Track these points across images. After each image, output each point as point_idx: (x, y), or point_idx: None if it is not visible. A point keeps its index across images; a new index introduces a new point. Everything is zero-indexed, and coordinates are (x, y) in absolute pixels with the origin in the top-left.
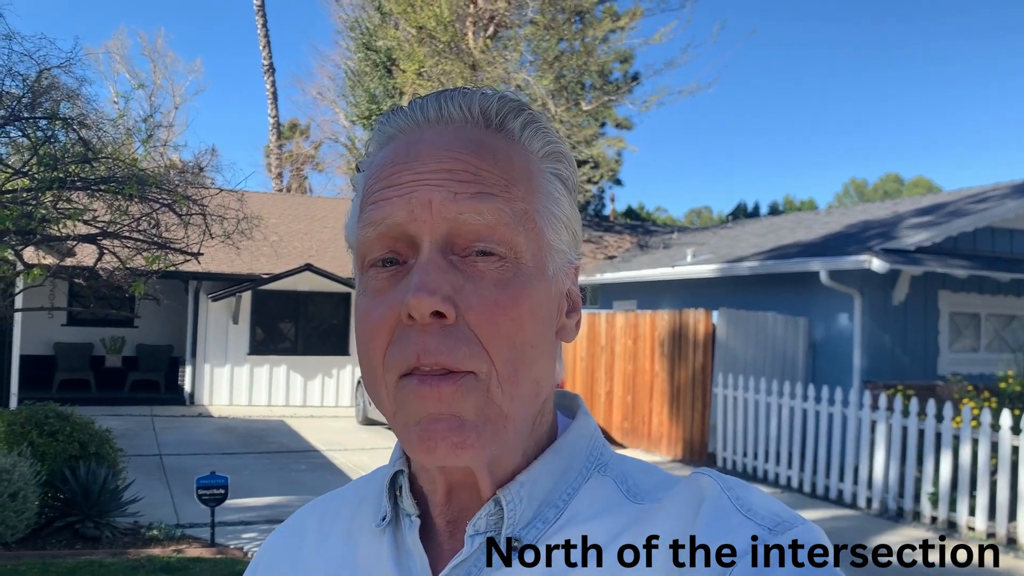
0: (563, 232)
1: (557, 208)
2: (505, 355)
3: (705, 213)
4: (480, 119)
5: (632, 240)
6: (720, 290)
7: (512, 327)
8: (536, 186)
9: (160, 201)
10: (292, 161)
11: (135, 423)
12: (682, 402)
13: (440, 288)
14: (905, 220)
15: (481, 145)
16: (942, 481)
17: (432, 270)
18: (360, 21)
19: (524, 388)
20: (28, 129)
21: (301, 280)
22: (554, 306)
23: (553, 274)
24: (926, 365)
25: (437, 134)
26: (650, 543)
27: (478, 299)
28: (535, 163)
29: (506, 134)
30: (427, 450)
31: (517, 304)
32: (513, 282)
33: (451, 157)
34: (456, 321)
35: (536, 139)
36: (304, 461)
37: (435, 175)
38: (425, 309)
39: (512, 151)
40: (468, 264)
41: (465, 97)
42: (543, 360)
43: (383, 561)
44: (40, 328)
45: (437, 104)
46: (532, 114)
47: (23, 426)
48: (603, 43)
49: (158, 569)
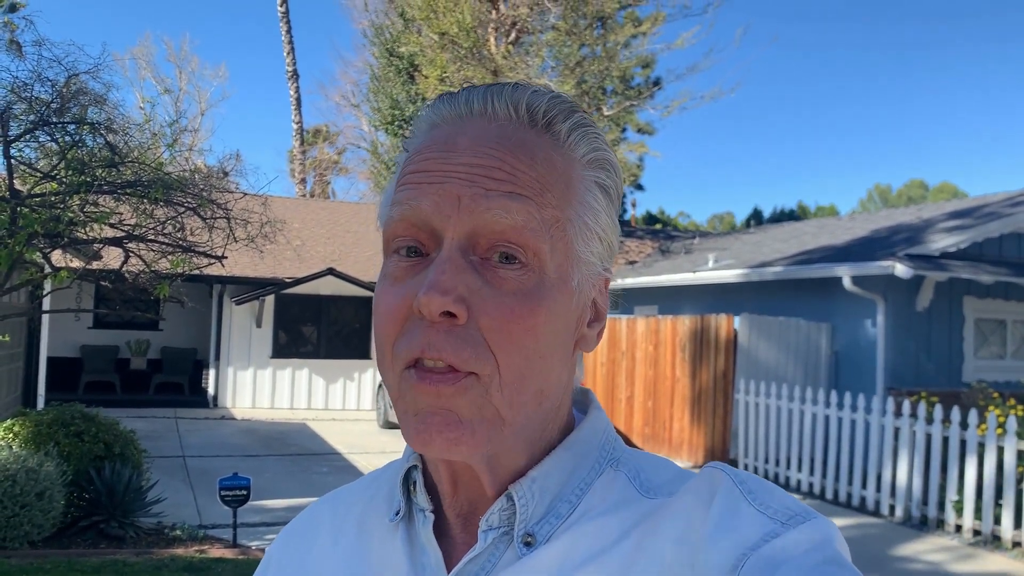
0: (595, 244)
1: (592, 219)
2: (512, 362)
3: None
4: (526, 118)
5: (653, 245)
6: (742, 295)
7: (524, 337)
8: (573, 194)
9: (185, 205)
10: (316, 167)
11: (159, 425)
12: (703, 408)
13: (453, 288)
14: (930, 225)
15: (521, 145)
16: (967, 489)
17: (449, 269)
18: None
19: (526, 396)
20: (56, 134)
21: (323, 284)
22: (574, 317)
23: (578, 285)
24: (951, 372)
25: (479, 128)
26: (663, 537)
27: (493, 305)
28: (577, 169)
29: (551, 136)
30: (423, 441)
31: (533, 315)
32: (533, 293)
33: (487, 153)
34: (467, 323)
35: (582, 144)
36: (325, 464)
37: (468, 169)
38: (435, 308)
39: (554, 154)
40: (488, 268)
41: (515, 94)
42: (554, 370)
43: (397, 555)
44: (67, 331)
45: (484, 98)
46: (582, 117)
47: (49, 427)
48: (625, 48)
49: (181, 569)
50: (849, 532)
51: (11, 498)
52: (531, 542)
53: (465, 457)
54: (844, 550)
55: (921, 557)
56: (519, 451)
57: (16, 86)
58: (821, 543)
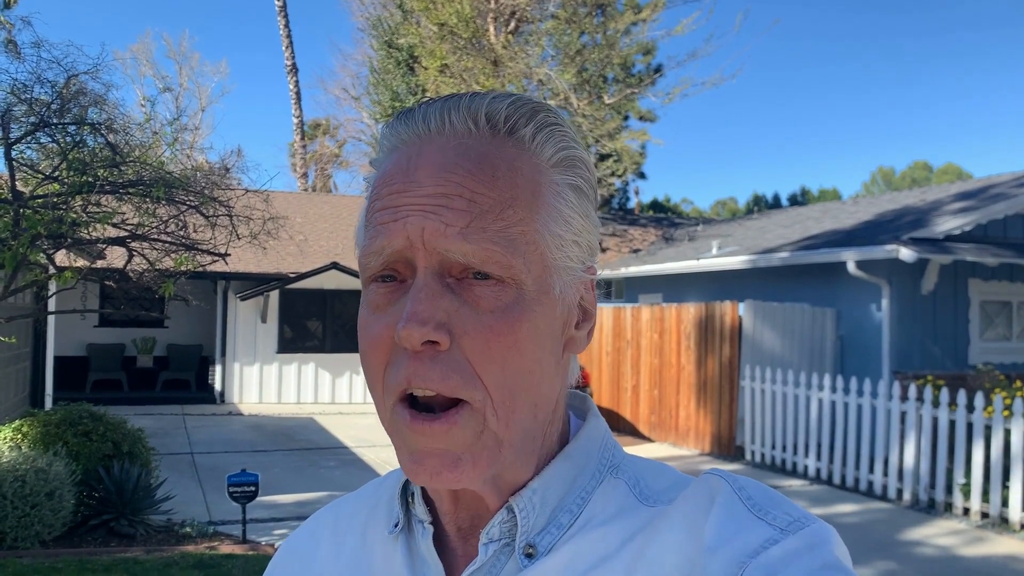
0: (571, 249)
1: (564, 226)
2: (500, 382)
3: (731, 204)
4: (486, 128)
5: (657, 233)
6: (747, 282)
7: (508, 354)
8: (541, 203)
9: (187, 203)
10: (317, 160)
11: (167, 422)
12: (709, 395)
13: (432, 317)
14: (935, 208)
15: (482, 162)
16: (974, 472)
17: (424, 298)
18: (382, 19)
19: (521, 413)
20: (57, 135)
21: (327, 278)
22: (559, 324)
23: (560, 292)
24: (956, 355)
25: (437, 149)
26: (663, 545)
27: (473, 325)
28: (544, 174)
29: (515, 141)
30: (422, 481)
31: (514, 331)
32: (512, 308)
33: (447, 179)
34: (451, 347)
35: (549, 145)
36: (333, 458)
37: (430, 200)
38: (416, 340)
39: (519, 162)
40: (465, 287)
41: (472, 104)
42: (543, 382)
43: (397, 568)
44: (73, 330)
45: (441, 114)
46: (546, 116)
47: (58, 427)
48: (625, 36)
49: (192, 566)
50: (858, 517)
51: (21, 498)
52: (532, 553)
53: (467, 485)
54: (843, 555)
55: (930, 541)
56: (521, 464)
57: (16, 88)
58: (820, 548)
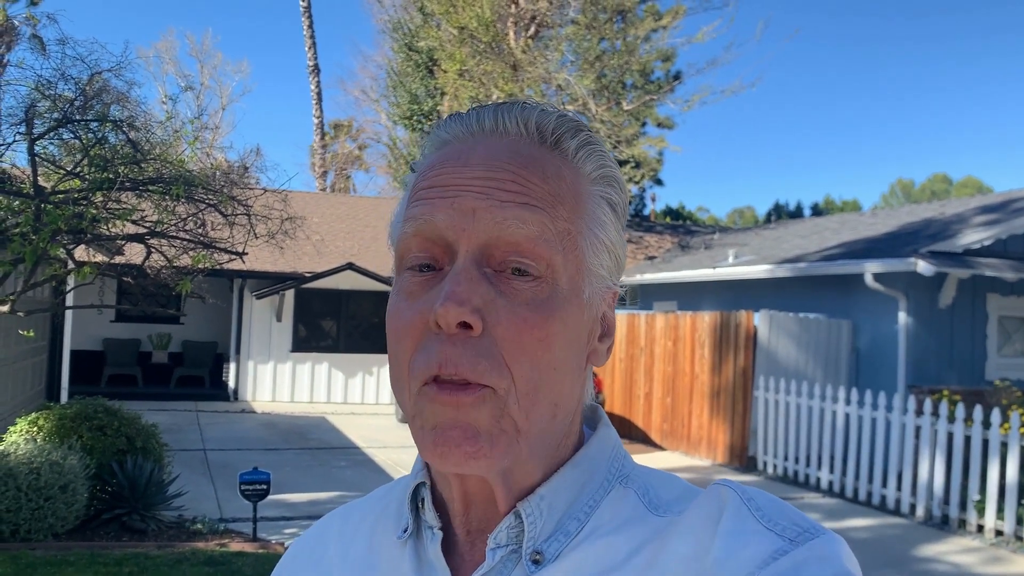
0: (605, 257)
1: (602, 232)
2: (526, 374)
3: (748, 213)
4: (535, 135)
5: (673, 240)
6: (762, 291)
7: (538, 347)
8: (584, 208)
9: (206, 201)
10: (336, 161)
11: (180, 418)
12: (723, 405)
13: (470, 299)
14: (954, 222)
15: (532, 160)
16: (989, 489)
17: (464, 280)
18: (402, 22)
19: (541, 408)
20: (80, 131)
21: (343, 279)
22: (586, 330)
23: (589, 298)
24: (973, 370)
25: (490, 145)
26: (672, 555)
27: (507, 315)
28: (585, 184)
29: (560, 152)
30: (440, 455)
31: (546, 325)
32: (546, 303)
33: (501, 167)
34: (482, 334)
35: (590, 161)
36: (344, 458)
37: (482, 182)
38: (452, 319)
39: (563, 170)
40: (503, 280)
41: (524, 111)
42: (566, 382)
43: (405, 573)
44: (90, 324)
45: (494, 115)
46: (589, 135)
47: (73, 421)
48: (645, 42)
49: (202, 562)
50: (870, 531)
51: (35, 490)
52: (539, 560)
53: (482, 471)
54: (853, 566)
55: (944, 558)
56: (533, 467)
57: (40, 84)
58: (830, 560)
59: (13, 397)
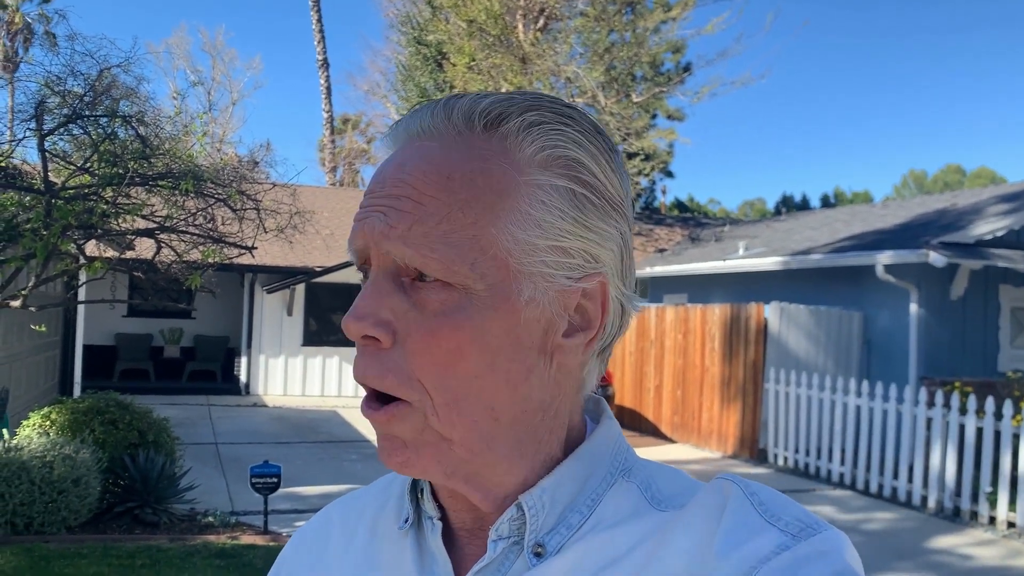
0: (545, 255)
1: (535, 232)
2: (440, 384)
3: (759, 205)
4: (461, 124)
5: (683, 233)
6: (773, 283)
7: (448, 358)
8: (508, 206)
9: (215, 196)
10: (345, 155)
11: (192, 412)
12: (733, 397)
13: (371, 314)
14: (966, 212)
15: (440, 164)
16: (1001, 481)
17: (368, 295)
18: (411, 16)
19: (472, 417)
20: (89, 127)
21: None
22: (533, 330)
23: (529, 298)
24: (985, 361)
25: (410, 152)
26: (674, 550)
27: (417, 327)
28: (523, 174)
29: (489, 138)
30: (385, 461)
31: (455, 335)
32: (455, 312)
33: (401, 181)
34: (394, 347)
35: (534, 143)
36: (355, 451)
37: (385, 201)
38: (353, 333)
39: (489, 163)
40: (416, 290)
41: (448, 104)
42: (500, 387)
43: (407, 563)
44: (102, 319)
45: (419, 117)
46: (539, 115)
47: (85, 415)
48: (654, 34)
49: (214, 555)
50: (883, 524)
51: (48, 484)
52: (541, 552)
53: (422, 476)
54: (855, 562)
55: (955, 550)
56: (506, 467)
57: (50, 80)
58: (832, 555)
59: (27, 391)
